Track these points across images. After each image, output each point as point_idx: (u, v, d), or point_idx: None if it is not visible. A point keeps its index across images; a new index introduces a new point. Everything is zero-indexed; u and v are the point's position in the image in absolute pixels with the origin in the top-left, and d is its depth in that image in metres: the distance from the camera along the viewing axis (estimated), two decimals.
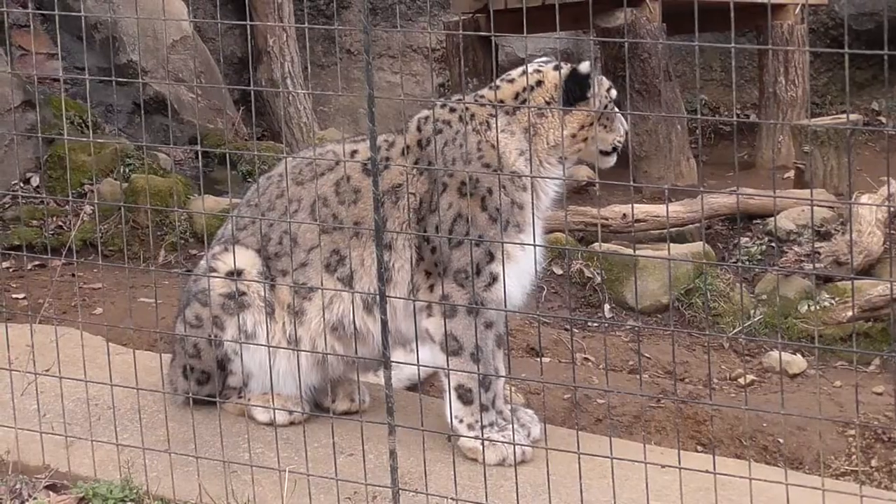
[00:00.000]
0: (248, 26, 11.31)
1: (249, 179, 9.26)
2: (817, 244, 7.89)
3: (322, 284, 5.11)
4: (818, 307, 7.35)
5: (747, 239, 8.40)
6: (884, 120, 12.96)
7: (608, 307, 7.66)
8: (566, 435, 5.25)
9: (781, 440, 5.84)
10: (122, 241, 7.96)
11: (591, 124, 5.20)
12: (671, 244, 8.12)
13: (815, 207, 8.14)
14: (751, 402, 6.20)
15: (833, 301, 7.28)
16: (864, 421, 5.88)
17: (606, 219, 8.25)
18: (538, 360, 6.54)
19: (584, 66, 5.16)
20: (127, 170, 8.98)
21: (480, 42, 10.97)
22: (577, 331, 7.27)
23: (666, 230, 8.19)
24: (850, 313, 7.05)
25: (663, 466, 4.53)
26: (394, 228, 5.04)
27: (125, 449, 4.82)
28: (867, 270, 7.73)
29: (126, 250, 7.59)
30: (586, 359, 6.80)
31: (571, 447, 4.29)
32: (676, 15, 10.16)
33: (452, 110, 5.18)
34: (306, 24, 12.16)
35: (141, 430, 4.85)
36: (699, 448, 5.82)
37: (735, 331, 7.23)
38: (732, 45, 4.23)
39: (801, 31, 11.41)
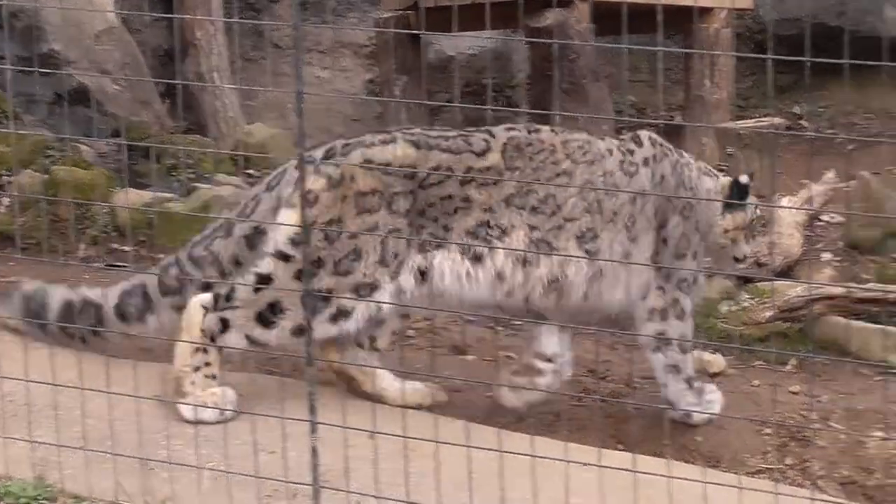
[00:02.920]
0: (176, 18, 11.22)
1: (174, 173, 9.19)
2: None
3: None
4: (738, 308, 7.44)
5: None
6: (805, 124, 13.13)
7: None
8: (489, 433, 5.27)
9: (700, 438, 5.90)
10: (43, 234, 7.86)
11: (740, 229, 6.00)
12: None
13: None
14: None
15: (753, 302, 7.37)
16: (779, 420, 5.96)
17: None
18: (462, 358, 6.57)
19: (745, 178, 6.04)
20: (47, 161, 8.87)
21: (410, 39, 10.97)
22: (502, 329, 7.28)
23: None
24: (769, 314, 7.13)
25: (585, 464, 4.55)
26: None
27: (39, 446, 4.76)
28: (787, 272, 7.84)
29: (45, 243, 7.49)
30: (509, 357, 6.82)
31: (494, 445, 4.32)
32: (606, 16, 10.20)
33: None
34: (235, 18, 12.08)
35: (56, 427, 4.80)
36: (620, 446, 5.86)
37: None
38: (659, 48, 4.27)
39: (727, 35, 11.53)
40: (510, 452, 4.24)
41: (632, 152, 5.83)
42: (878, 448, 5.73)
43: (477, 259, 5.47)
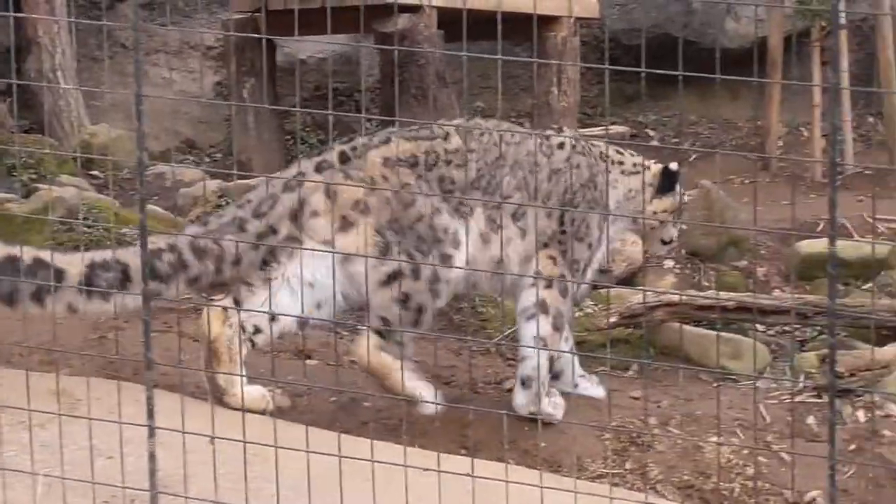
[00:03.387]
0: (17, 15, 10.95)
1: (14, 174, 8.97)
2: None
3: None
4: (582, 314, 7.54)
5: None
6: (651, 133, 13.38)
7: None
8: (331, 438, 5.24)
9: (543, 443, 5.95)
10: None
11: (670, 213, 6.44)
12: None
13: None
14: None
15: (596, 308, 7.47)
16: (619, 425, 6.04)
17: None
18: (306, 362, 6.53)
19: (674, 166, 6.46)
20: None
21: (259, 42, 10.87)
22: (346, 334, 7.26)
23: None
24: (612, 320, 7.23)
25: (425, 469, 4.56)
26: None
27: None
28: (630, 279, 7.96)
29: None
30: (353, 361, 6.81)
31: (335, 450, 4.30)
32: (454, 22, 10.28)
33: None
34: (76, 18, 11.83)
35: None
36: (463, 451, 5.89)
37: (500, 336, 7.35)
38: (499, 56, 4.30)
39: (574, 44, 11.69)
40: (349, 457, 4.23)
41: (548, 137, 6.24)
42: (715, 452, 5.84)
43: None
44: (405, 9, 10.09)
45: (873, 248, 7.51)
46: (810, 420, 6.23)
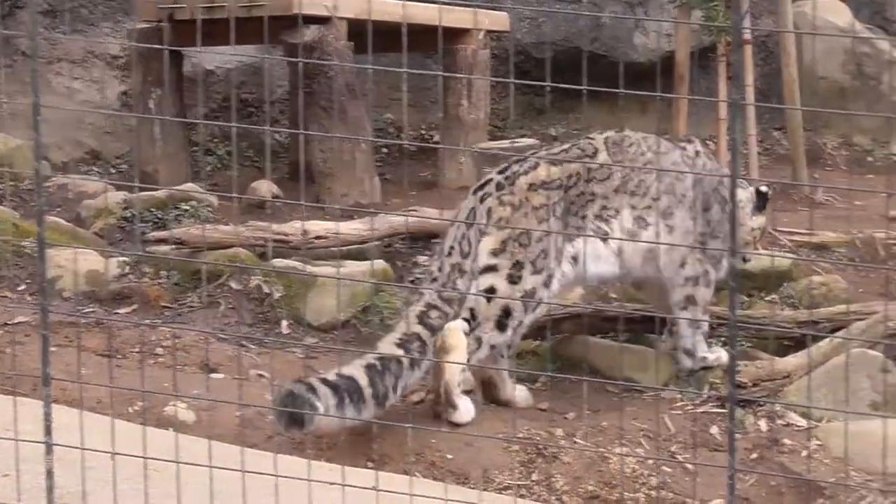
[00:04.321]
0: None
1: None
2: None
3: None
4: None
5: (426, 258, 8.54)
6: None
7: (286, 323, 7.65)
8: (236, 452, 5.19)
9: (451, 456, 5.95)
10: None
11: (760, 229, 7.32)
12: (351, 261, 8.16)
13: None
14: (424, 418, 6.32)
15: None
16: (526, 437, 6.06)
17: (287, 234, 8.24)
18: (211, 376, 6.48)
19: (765, 188, 7.27)
20: None
21: (165, 51, 10.73)
22: (253, 347, 7.23)
23: (346, 248, 8.28)
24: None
25: (332, 483, 4.54)
26: None
27: None
28: None
29: None
30: (260, 375, 6.77)
31: (238, 464, 4.26)
32: (364, 34, 10.24)
33: None
34: None
35: None
36: (370, 464, 5.87)
37: None
38: (404, 69, 4.30)
39: (484, 56, 11.72)
40: (253, 472, 4.19)
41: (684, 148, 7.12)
42: (620, 463, 5.88)
43: (604, 240, 6.66)
44: (314, 20, 10.03)
45: (773, 261, 7.61)
46: (714, 430, 6.29)
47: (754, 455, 6.04)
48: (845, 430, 5.77)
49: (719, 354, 6.98)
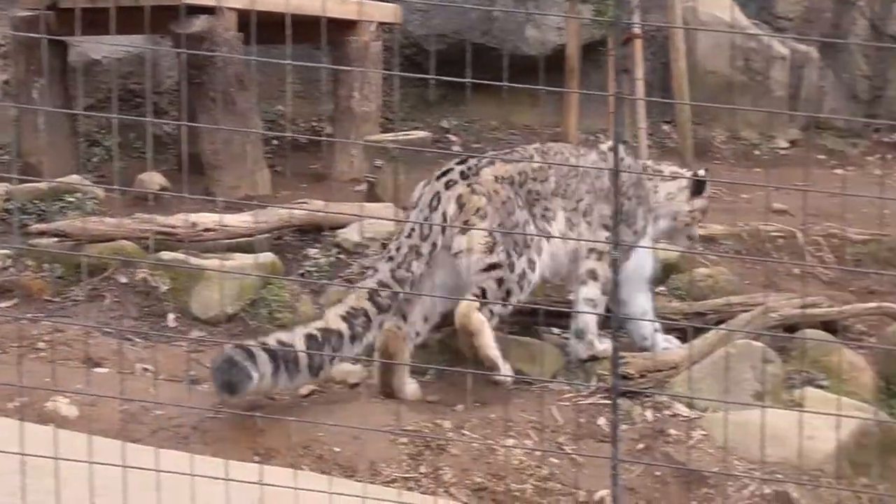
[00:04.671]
0: None
1: None
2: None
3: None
4: None
5: (316, 250, 8.49)
6: (452, 138, 13.47)
7: (172, 317, 7.56)
8: (118, 447, 5.11)
9: (338, 449, 5.92)
10: None
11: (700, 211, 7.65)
12: (240, 254, 8.08)
13: (383, 221, 8.35)
14: (312, 411, 6.27)
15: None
16: (415, 429, 6.05)
17: (174, 227, 8.13)
18: (95, 370, 6.38)
19: (703, 172, 7.74)
20: None
21: (49, 40, 10.53)
22: (139, 341, 7.13)
23: (235, 240, 8.20)
24: None
25: (215, 478, 4.49)
26: None
27: None
28: None
29: None
30: (146, 369, 6.68)
31: (120, 459, 4.21)
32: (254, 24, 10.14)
33: None
34: None
35: None
36: (257, 458, 5.82)
37: None
38: (288, 61, 4.26)
39: (376, 48, 11.68)
40: (134, 467, 4.13)
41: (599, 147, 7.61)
42: (509, 455, 5.89)
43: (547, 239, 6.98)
44: (203, 10, 9.92)
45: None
46: (601, 421, 6.33)
47: (641, 445, 6.08)
48: (724, 419, 5.85)
49: (607, 346, 7.02)
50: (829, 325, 7.44)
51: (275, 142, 12.11)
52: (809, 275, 8.82)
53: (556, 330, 7.45)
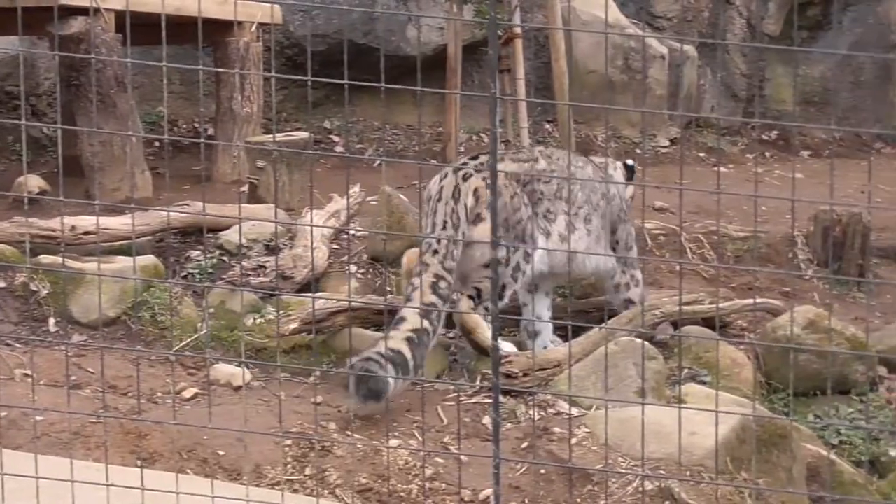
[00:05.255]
0: None
1: None
2: (265, 259, 8.05)
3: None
4: (264, 320, 7.51)
5: (199, 252, 8.43)
6: (335, 139, 13.47)
7: (53, 321, 7.45)
8: None
9: (222, 452, 5.89)
10: None
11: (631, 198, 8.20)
12: (122, 257, 7.99)
13: (265, 223, 8.33)
14: (194, 414, 6.23)
15: (278, 314, 7.44)
16: (299, 431, 6.05)
17: (54, 230, 8.01)
18: None
19: (630, 162, 8.27)
20: None
21: None
22: (18, 346, 7.02)
23: (116, 243, 8.12)
24: (293, 326, 7.22)
25: (96, 484, 4.45)
26: None
27: None
28: (312, 285, 7.95)
29: None
30: (26, 374, 6.58)
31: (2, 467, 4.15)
32: (134, 26, 10.02)
33: None
34: None
35: None
36: (140, 463, 5.76)
37: (180, 345, 7.25)
38: (164, 63, 4.24)
39: (257, 49, 11.63)
40: (11, 475, 4.07)
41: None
42: (394, 455, 5.91)
43: (547, 234, 7.38)
44: (81, 11, 9.78)
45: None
46: (486, 420, 6.37)
47: (525, 444, 6.14)
48: (605, 417, 5.93)
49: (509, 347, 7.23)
50: (710, 322, 7.59)
51: (156, 143, 12.00)
52: (691, 272, 8.98)
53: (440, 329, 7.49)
